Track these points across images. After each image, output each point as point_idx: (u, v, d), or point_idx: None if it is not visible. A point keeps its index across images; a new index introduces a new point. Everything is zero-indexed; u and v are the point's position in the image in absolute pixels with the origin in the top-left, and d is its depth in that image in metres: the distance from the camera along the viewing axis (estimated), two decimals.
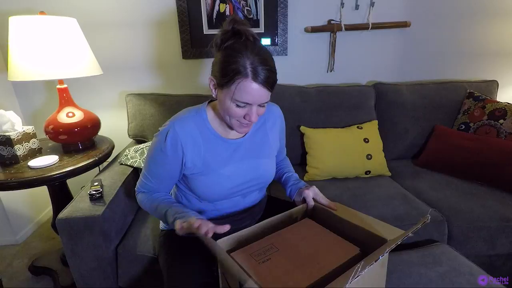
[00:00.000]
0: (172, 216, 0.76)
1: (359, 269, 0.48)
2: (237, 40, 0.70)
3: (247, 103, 0.71)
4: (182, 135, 0.78)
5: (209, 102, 0.86)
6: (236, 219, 0.92)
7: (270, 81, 0.70)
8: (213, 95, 0.77)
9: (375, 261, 0.50)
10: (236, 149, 0.85)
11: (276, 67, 0.74)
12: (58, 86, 1.29)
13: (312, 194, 0.84)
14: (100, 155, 1.29)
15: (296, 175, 0.99)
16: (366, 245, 0.68)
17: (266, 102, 0.74)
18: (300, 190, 0.87)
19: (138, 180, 0.90)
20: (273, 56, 0.74)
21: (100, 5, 1.55)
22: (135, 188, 0.91)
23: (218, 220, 0.91)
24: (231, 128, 0.81)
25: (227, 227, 0.67)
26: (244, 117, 0.74)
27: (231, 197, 0.87)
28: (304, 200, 0.85)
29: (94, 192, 1.04)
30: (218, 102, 0.77)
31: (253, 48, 0.69)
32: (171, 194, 0.98)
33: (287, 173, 0.99)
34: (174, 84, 1.73)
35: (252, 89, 0.68)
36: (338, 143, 1.46)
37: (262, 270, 0.61)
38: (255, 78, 0.67)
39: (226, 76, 0.69)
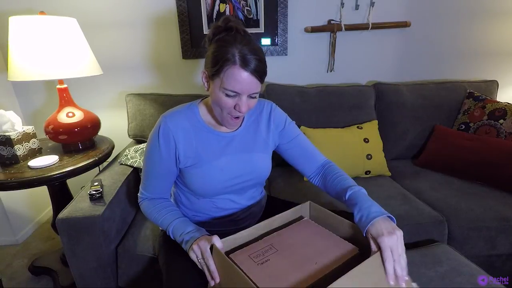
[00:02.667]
0: (179, 238, 0.78)
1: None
2: (228, 33, 0.72)
3: (236, 92, 0.71)
4: (173, 128, 0.79)
5: (201, 100, 0.87)
6: (237, 219, 0.92)
7: (259, 70, 0.70)
8: (205, 88, 0.78)
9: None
10: (229, 143, 0.85)
11: (276, 67, 0.75)
12: (58, 86, 1.29)
13: (389, 243, 0.62)
14: (100, 155, 1.29)
15: (364, 190, 0.79)
16: (365, 245, 0.68)
17: (256, 93, 0.74)
18: (376, 227, 0.65)
19: (140, 185, 0.89)
20: (273, 56, 0.75)
21: (100, 5, 1.55)
22: (138, 194, 0.90)
23: (218, 220, 0.91)
24: (221, 124, 0.82)
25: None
26: (234, 108, 0.74)
27: (227, 192, 0.87)
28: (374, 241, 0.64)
29: (94, 192, 1.04)
30: (210, 95, 0.78)
31: (242, 39, 0.70)
32: (171, 194, 0.98)
33: (352, 187, 0.80)
34: (174, 84, 1.73)
35: (240, 77, 0.69)
36: (338, 143, 1.46)
37: (261, 272, 0.61)
38: (243, 65, 0.68)
39: (215, 65, 0.70)
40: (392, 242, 0.61)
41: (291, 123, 0.96)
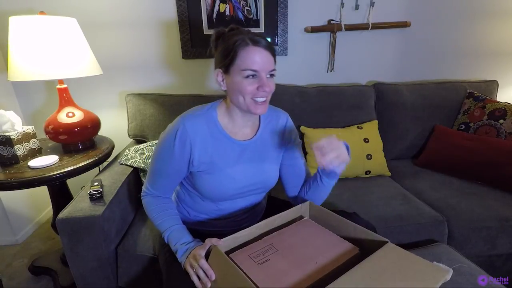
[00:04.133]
0: (173, 247, 0.79)
1: None
2: (229, 31, 0.78)
3: (255, 71, 0.73)
4: (192, 132, 0.78)
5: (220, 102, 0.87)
6: (238, 219, 0.92)
7: (269, 46, 0.74)
8: (222, 88, 0.79)
9: None
10: (243, 151, 0.85)
11: (276, 67, 0.77)
12: (58, 86, 1.29)
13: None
14: (100, 155, 1.28)
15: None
16: (365, 245, 0.68)
17: (273, 71, 0.76)
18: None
19: (146, 180, 0.89)
20: None
21: (100, 5, 1.55)
22: (143, 187, 0.90)
23: (219, 220, 0.92)
24: (248, 110, 0.77)
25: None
26: (257, 90, 0.74)
27: (233, 199, 0.88)
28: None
29: (94, 192, 1.04)
30: (229, 92, 0.78)
31: (245, 31, 0.76)
32: (174, 192, 0.98)
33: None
34: (174, 84, 1.73)
35: (255, 53, 0.72)
36: None
37: (261, 272, 0.61)
38: (255, 43, 0.72)
39: (228, 54, 0.73)
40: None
41: (300, 143, 0.96)
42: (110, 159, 1.40)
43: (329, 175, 0.86)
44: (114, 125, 1.75)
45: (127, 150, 1.37)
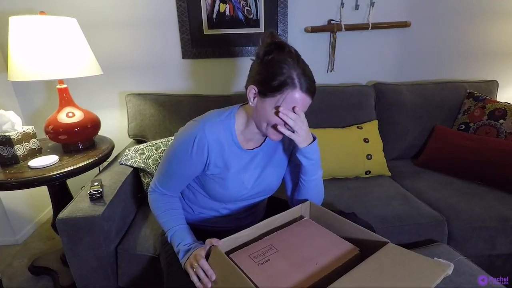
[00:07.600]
0: (176, 248, 0.80)
1: None
2: (280, 52, 0.73)
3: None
4: (211, 139, 0.78)
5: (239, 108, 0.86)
6: (240, 217, 0.93)
7: (314, 91, 0.75)
8: (251, 104, 0.77)
9: None
10: (252, 158, 0.86)
11: None
12: (58, 86, 1.29)
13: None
14: (100, 155, 1.28)
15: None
16: (366, 246, 0.68)
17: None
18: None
19: (155, 177, 0.89)
20: None
21: (100, 5, 1.54)
22: (151, 184, 0.91)
23: (221, 218, 0.92)
24: (265, 135, 0.80)
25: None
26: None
27: (238, 201, 0.90)
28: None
29: (94, 192, 1.04)
30: (256, 111, 0.77)
31: (297, 60, 0.73)
32: None
33: None
34: (174, 84, 1.73)
35: (300, 100, 0.72)
36: (338, 143, 1.46)
37: (261, 272, 0.61)
38: (301, 88, 0.71)
39: (272, 86, 0.71)
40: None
41: None
42: (110, 159, 1.40)
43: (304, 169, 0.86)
44: (114, 125, 1.75)
45: (127, 150, 1.37)
